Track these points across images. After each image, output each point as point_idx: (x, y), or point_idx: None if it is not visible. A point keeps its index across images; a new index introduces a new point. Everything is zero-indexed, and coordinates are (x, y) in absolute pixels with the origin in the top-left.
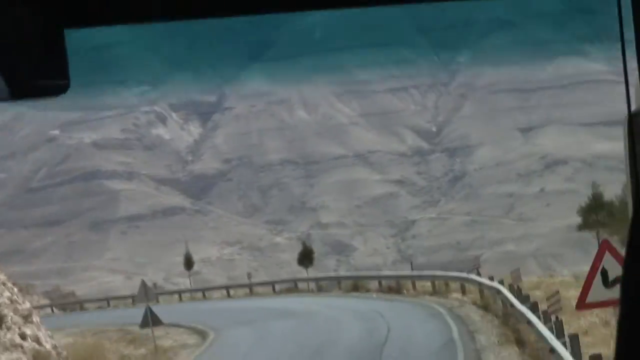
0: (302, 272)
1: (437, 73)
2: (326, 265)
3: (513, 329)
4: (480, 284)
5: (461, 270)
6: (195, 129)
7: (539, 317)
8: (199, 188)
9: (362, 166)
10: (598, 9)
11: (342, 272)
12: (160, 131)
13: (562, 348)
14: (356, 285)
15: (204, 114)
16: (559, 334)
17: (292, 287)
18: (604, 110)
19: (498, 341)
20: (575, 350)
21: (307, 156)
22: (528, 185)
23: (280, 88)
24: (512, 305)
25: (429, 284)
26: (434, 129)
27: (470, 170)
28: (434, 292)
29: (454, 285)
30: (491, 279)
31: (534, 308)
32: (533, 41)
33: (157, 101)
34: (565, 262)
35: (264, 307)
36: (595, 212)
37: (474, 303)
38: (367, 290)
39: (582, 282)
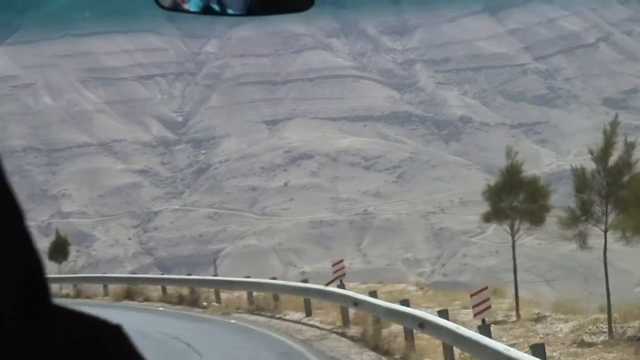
0: (53, 267)
1: (184, 62)
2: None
3: None
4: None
5: (202, 264)
6: None
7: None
8: None
9: (106, 155)
10: (346, 3)
11: (84, 267)
12: None
13: None
14: (130, 290)
15: None
16: None
17: None
18: (347, 105)
19: None
20: None
21: (50, 143)
22: (272, 179)
23: (25, 72)
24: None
25: (241, 294)
26: (180, 119)
27: (215, 162)
28: (256, 307)
29: (288, 298)
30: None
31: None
32: (281, 33)
33: None
34: (305, 258)
35: None
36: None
37: (343, 333)
38: (147, 299)
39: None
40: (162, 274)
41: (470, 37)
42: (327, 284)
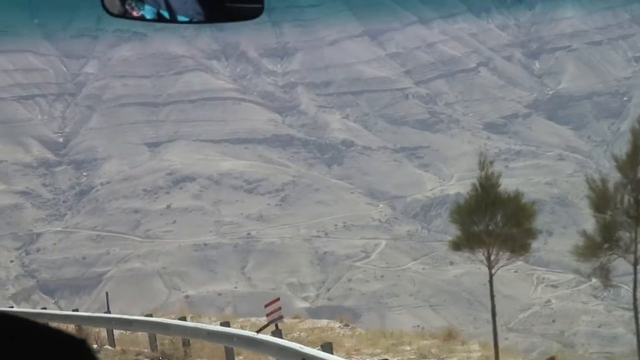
0: None
1: (64, 83)
2: None
3: None
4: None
5: (85, 287)
6: None
7: None
8: None
9: None
10: (225, 25)
11: None
12: None
13: None
14: None
15: None
16: None
17: None
18: (229, 127)
19: None
20: None
21: None
22: (155, 202)
23: None
24: None
25: (141, 335)
26: (60, 140)
27: (96, 184)
28: (161, 354)
29: (201, 343)
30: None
31: None
32: (162, 55)
33: None
34: (190, 281)
35: None
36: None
37: None
38: None
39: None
40: (45, 298)
41: (351, 61)
42: (259, 330)
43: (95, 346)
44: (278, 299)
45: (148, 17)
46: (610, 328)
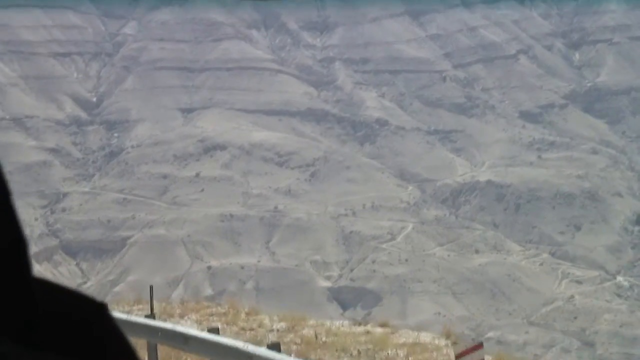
0: None
1: (102, 42)
2: None
3: None
4: None
5: (108, 251)
6: None
7: None
8: None
9: (18, 130)
10: None
11: None
12: None
13: None
14: None
15: None
16: None
17: None
18: (264, 98)
19: None
20: None
21: None
22: (184, 168)
23: None
24: None
25: None
26: (94, 100)
27: (127, 147)
28: None
29: None
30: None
31: None
32: (201, 21)
33: None
34: (213, 252)
35: None
36: None
37: None
38: None
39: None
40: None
41: (391, 40)
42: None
43: None
44: (481, 346)
45: None
46: (632, 329)
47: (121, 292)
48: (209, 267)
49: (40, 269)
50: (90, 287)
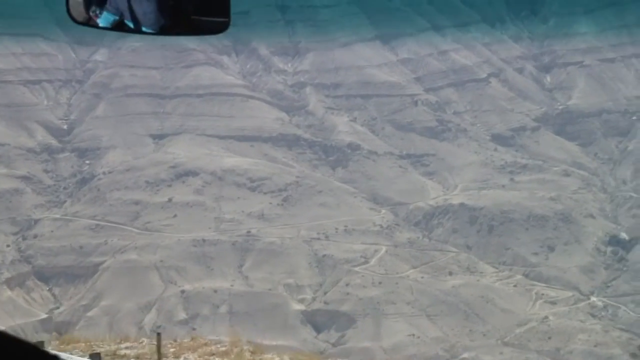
0: None
1: (73, 70)
2: None
3: None
4: None
5: (81, 276)
6: None
7: None
8: None
9: None
10: (238, 21)
11: None
12: None
13: None
14: None
15: None
16: None
17: None
18: (236, 123)
19: None
20: None
21: None
22: (156, 194)
23: None
24: None
25: None
26: (65, 127)
27: (98, 173)
28: None
29: None
30: None
31: None
32: (172, 47)
33: None
34: (186, 276)
35: None
36: None
37: None
38: None
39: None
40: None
41: (362, 64)
42: None
43: None
44: None
45: (111, 26)
46: (607, 348)
47: (94, 317)
48: (183, 292)
49: (12, 295)
50: (63, 312)
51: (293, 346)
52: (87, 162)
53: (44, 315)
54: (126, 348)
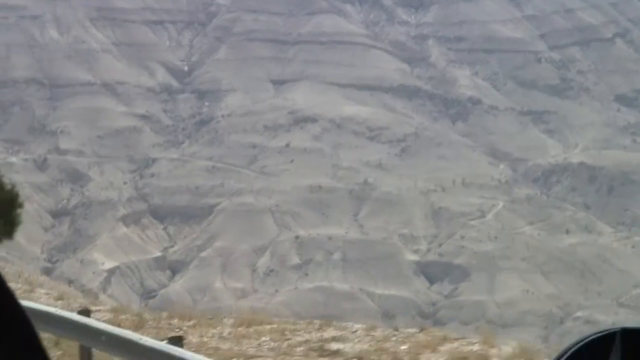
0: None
1: (195, 12)
2: (60, 193)
3: None
4: None
5: (196, 217)
6: None
7: None
8: None
9: (109, 96)
10: None
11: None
12: None
13: None
14: None
15: None
16: None
17: None
18: (356, 72)
19: None
20: None
21: (53, 78)
22: (274, 139)
23: (34, 3)
24: None
25: None
26: (185, 68)
27: (217, 115)
28: None
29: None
30: None
31: None
32: None
33: None
34: (301, 222)
35: None
36: None
37: None
38: None
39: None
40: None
41: (487, 19)
42: None
43: None
44: None
45: None
46: None
47: (207, 257)
48: (297, 237)
49: (128, 232)
50: (177, 251)
51: (406, 296)
52: (207, 104)
53: (158, 254)
54: (334, 340)
